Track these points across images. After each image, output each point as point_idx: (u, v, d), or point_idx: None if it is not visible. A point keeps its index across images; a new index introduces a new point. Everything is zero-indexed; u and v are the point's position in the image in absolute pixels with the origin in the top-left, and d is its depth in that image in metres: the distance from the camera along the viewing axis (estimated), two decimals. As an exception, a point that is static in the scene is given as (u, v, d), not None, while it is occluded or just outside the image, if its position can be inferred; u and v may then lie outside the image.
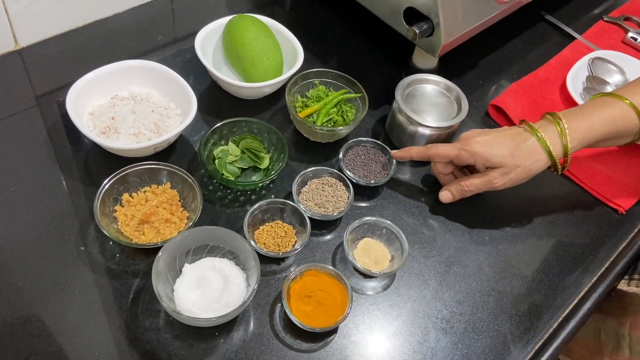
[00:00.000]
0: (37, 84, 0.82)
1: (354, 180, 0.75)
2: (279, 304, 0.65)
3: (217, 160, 0.75)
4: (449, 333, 0.66)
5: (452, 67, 0.94)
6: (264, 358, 0.61)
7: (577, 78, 0.94)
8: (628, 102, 0.71)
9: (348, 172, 0.76)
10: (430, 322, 0.66)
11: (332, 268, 0.65)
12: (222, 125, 0.75)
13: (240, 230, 0.68)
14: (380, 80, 0.92)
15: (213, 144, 0.76)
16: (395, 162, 0.77)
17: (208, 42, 0.84)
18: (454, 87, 0.83)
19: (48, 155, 0.74)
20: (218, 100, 0.84)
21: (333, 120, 0.81)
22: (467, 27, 0.85)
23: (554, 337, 0.67)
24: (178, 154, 0.77)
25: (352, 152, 0.79)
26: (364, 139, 0.80)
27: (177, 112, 0.78)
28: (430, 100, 0.82)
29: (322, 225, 0.73)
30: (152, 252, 0.65)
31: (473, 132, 0.74)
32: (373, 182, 0.76)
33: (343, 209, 0.72)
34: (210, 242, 0.65)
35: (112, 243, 0.67)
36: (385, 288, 0.69)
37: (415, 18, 0.82)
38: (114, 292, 0.63)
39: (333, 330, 0.64)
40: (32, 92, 0.81)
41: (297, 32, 0.86)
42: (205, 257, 0.65)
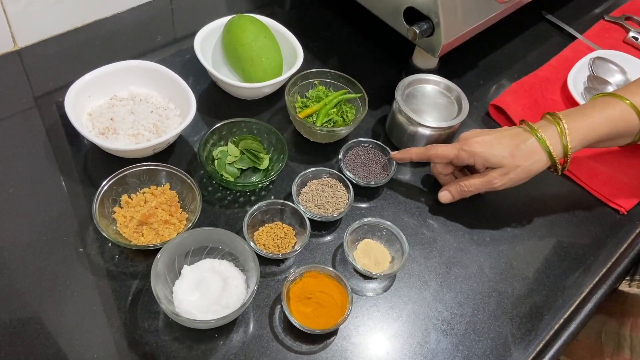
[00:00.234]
0: (36, 85, 0.82)
1: (354, 181, 0.75)
2: (279, 306, 0.64)
3: (216, 161, 0.75)
4: (450, 335, 0.66)
5: (452, 67, 0.94)
6: (264, 360, 0.61)
7: (578, 78, 0.94)
8: (628, 102, 0.70)
9: (348, 172, 0.76)
10: (431, 323, 0.66)
11: (332, 269, 0.65)
12: (221, 126, 0.75)
13: (240, 232, 0.68)
14: (380, 81, 0.92)
15: (212, 145, 0.75)
16: (395, 162, 0.77)
17: (207, 42, 0.84)
18: (454, 87, 0.82)
19: (47, 156, 0.74)
20: (217, 101, 0.84)
21: (333, 121, 0.81)
22: (467, 27, 0.84)
23: (555, 338, 0.67)
24: (177, 155, 0.77)
25: (352, 152, 0.79)
26: (364, 140, 0.80)
27: (176, 112, 0.77)
28: (431, 101, 0.82)
29: (322, 227, 0.72)
30: (151, 253, 0.64)
31: (473, 132, 0.74)
32: (373, 182, 0.76)
33: (343, 210, 0.72)
34: (210, 243, 0.65)
35: (110, 244, 0.66)
36: (386, 289, 0.69)
37: (416, 18, 0.81)
38: (113, 293, 0.63)
39: (333, 332, 0.64)
40: (31, 92, 0.81)
41: (296, 32, 0.86)
42: (205, 258, 0.65)
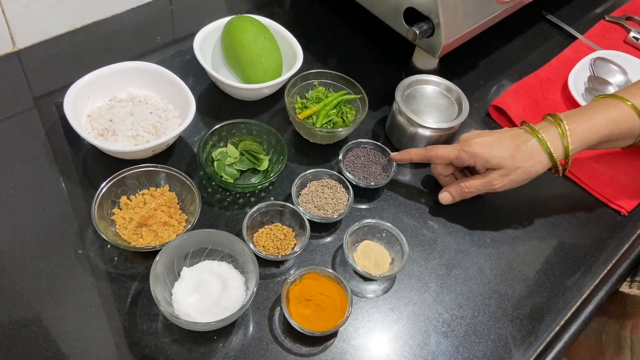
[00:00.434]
0: (35, 86, 0.82)
1: (354, 182, 0.75)
2: (278, 308, 0.64)
3: (215, 163, 0.74)
4: (450, 336, 0.65)
5: (452, 67, 0.94)
6: (263, 362, 0.60)
7: (578, 78, 0.93)
8: (630, 103, 0.70)
9: (348, 174, 0.75)
10: (431, 325, 0.66)
11: (331, 271, 0.65)
12: (221, 127, 0.75)
13: (239, 233, 0.67)
14: (380, 81, 0.91)
15: (212, 146, 0.75)
16: (395, 163, 0.77)
17: (207, 43, 0.84)
18: (455, 87, 0.82)
19: (46, 158, 0.74)
20: (217, 102, 0.84)
21: (333, 122, 0.80)
22: (467, 27, 0.84)
23: (556, 340, 0.67)
24: (176, 156, 0.76)
25: (351, 153, 0.79)
26: (364, 141, 0.79)
27: (175, 114, 0.77)
28: (431, 101, 0.82)
29: (321, 228, 0.72)
30: (150, 255, 0.64)
31: (473, 133, 0.73)
32: (373, 184, 0.76)
33: (343, 211, 0.71)
34: (209, 245, 0.65)
35: (110, 246, 0.66)
36: (386, 291, 0.68)
37: (416, 18, 0.81)
38: (112, 295, 0.63)
39: (333, 334, 0.63)
40: (30, 93, 0.81)
41: (296, 32, 0.86)
42: (204, 260, 0.65)
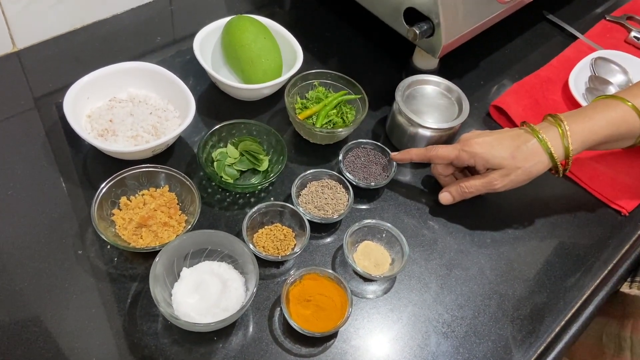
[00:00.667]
0: (35, 86, 0.82)
1: (354, 183, 0.75)
2: (278, 308, 0.64)
3: (215, 163, 0.74)
4: (450, 337, 0.65)
5: (453, 67, 0.94)
6: (263, 363, 0.60)
7: (579, 78, 0.93)
8: (630, 104, 0.70)
9: (348, 174, 0.75)
10: (431, 326, 0.66)
11: (331, 272, 0.64)
12: (220, 128, 0.75)
13: (239, 234, 0.67)
14: (380, 81, 0.91)
15: (212, 147, 0.75)
16: (396, 163, 0.77)
17: (207, 43, 0.84)
18: (455, 87, 0.82)
19: (46, 158, 0.74)
20: (217, 102, 0.84)
21: (333, 122, 0.80)
22: (468, 27, 0.84)
23: (557, 340, 0.67)
24: (176, 157, 0.76)
25: (352, 154, 0.79)
26: (364, 141, 0.79)
27: (175, 114, 0.77)
28: (431, 101, 0.82)
29: (321, 228, 0.72)
30: (150, 255, 0.64)
31: (473, 133, 0.73)
32: (373, 184, 0.76)
33: (343, 212, 0.71)
34: (209, 245, 0.65)
35: (109, 247, 0.66)
36: (386, 291, 0.68)
37: (416, 18, 0.81)
38: (112, 296, 0.63)
39: (333, 335, 0.63)
40: (30, 94, 0.81)
41: (296, 32, 0.86)
42: (204, 260, 0.65)
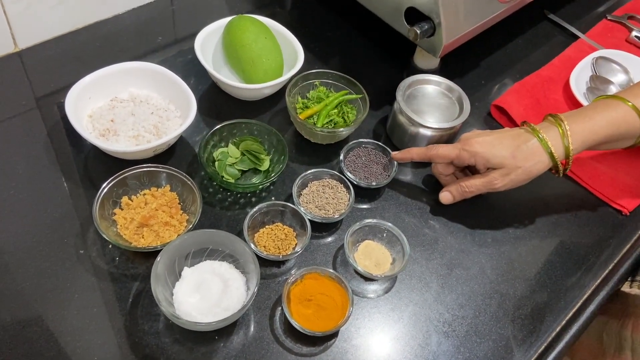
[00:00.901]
0: (36, 86, 0.82)
1: (355, 182, 0.75)
2: (279, 308, 0.64)
3: (217, 163, 0.74)
4: (451, 336, 0.65)
5: (453, 67, 0.94)
6: (264, 362, 0.60)
7: (580, 78, 0.93)
8: (630, 104, 0.70)
9: (349, 173, 0.75)
10: (432, 325, 0.66)
11: (332, 271, 0.65)
12: (222, 127, 0.75)
13: (240, 233, 0.67)
14: (381, 81, 0.91)
15: (213, 146, 0.75)
16: (397, 163, 0.77)
17: (208, 43, 0.84)
18: (456, 87, 0.82)
19: (48, 158, 0.74)
20: (218, 102, 0.84)
21: (334, 122, 0.80)
22: (468, 27, 0.84)
23: (558, 340, 0.67)
24: (177, 157, 0.76)
25: (352, 153, 0.79)
26: (365, 141, 0.79)
27: (176, 114, 0.77)
28: (432, 101, 0.82)
29: (322, 228, 0.72)
30: (151, 255, 0.64)
31: (474, 132, 0.73)
32: (374, 183, 0.76)
33: (344, 211, 0.71)
34: (210, 245, 0.65)
35: (111, 246, 0.66)
36: (387, 291, 0.68)
37: (417, 18, 0.81)
38: (114, 295, 0.63)
39: (334, 334, 0.63)
40: (31, 94, 0.81)
41: (297, 32, 0.86)
42: (205, 260, 0.65)
